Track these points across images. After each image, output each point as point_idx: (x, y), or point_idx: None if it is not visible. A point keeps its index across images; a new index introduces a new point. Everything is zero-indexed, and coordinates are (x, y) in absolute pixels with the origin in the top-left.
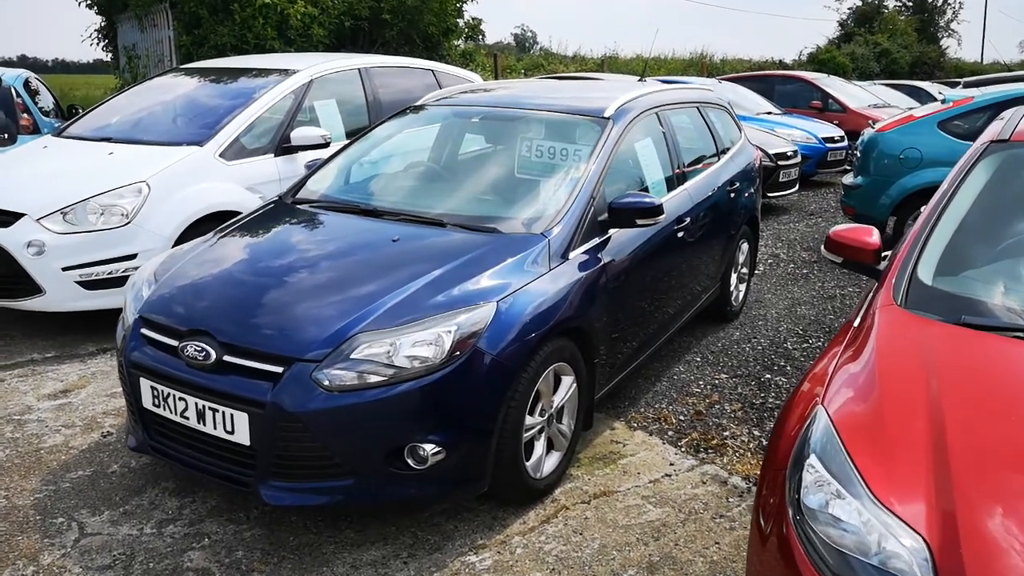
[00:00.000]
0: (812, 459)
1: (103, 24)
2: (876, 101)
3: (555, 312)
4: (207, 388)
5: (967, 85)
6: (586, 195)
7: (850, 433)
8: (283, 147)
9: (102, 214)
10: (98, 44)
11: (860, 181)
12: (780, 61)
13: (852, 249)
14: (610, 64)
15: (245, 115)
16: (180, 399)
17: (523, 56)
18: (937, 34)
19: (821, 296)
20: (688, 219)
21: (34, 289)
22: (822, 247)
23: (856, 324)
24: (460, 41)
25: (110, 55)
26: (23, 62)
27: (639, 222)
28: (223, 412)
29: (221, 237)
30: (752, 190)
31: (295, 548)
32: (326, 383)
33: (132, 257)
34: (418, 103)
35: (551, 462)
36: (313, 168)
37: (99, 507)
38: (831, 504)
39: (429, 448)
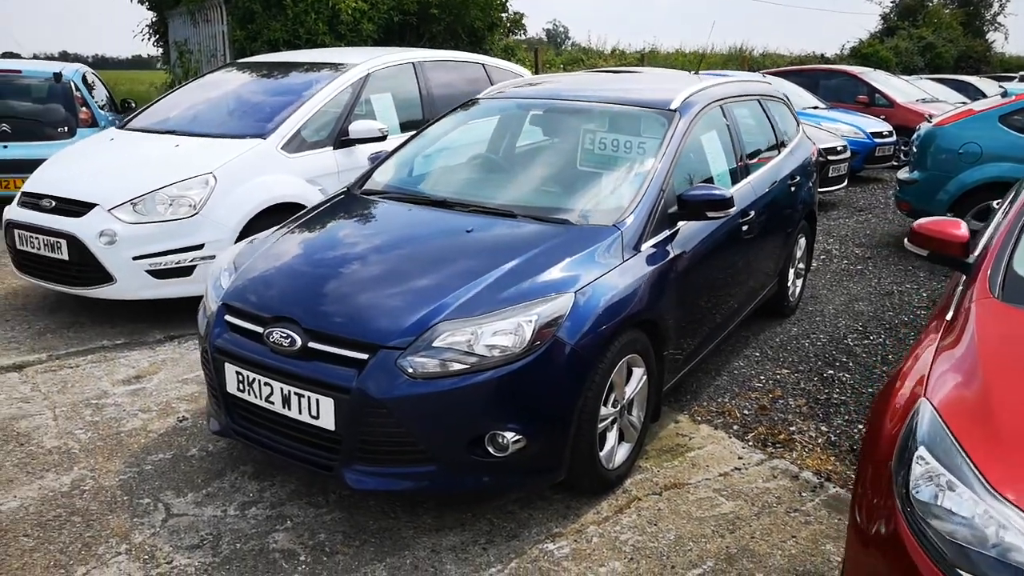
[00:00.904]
0: (921, 451)
1: (155, 20)
2: (924, 96)
3: (630, 304)
4: (293, 374)
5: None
6: (656, 187)
7: (959, 424)
8: (341, 140)
9: (171, 205)
10: (149, 39)
11: (916, 176)
12: (822, 55)
13: (939, 242)
14: (650, 59)
15: (305, 109)
16: (265, 384)
17: (561, 51)
18: (983, 28)
19: (878, 292)
20: (752, 213)
21: (105, 278)
22: (906, 240)
23: (949, 318)
24: (503, 36)
25: (160, 50)
26: (64, 58)
27: (709, 214)
28: (308, 397)
29: (296, 227)
30: (810, 184)
31: (375, 532)
32: (410, 370)
33: (199, 247)
34: (479, 96)
35: (622, 453)
36: (379, 160)
37: (183, 489)
38: (942, 496)
39: (510, 436)
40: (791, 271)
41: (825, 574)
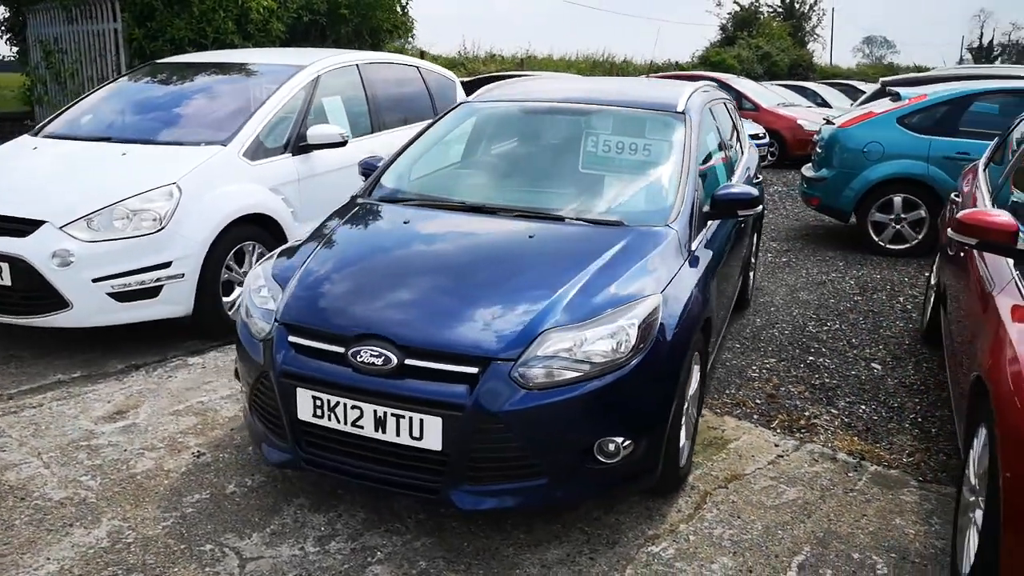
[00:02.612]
0: None
1: (8, 15)
2: (782, 100)
3: (699, 301)
4: (389, 394)
5: (885, 84)
6: (692, 188)
7: None
8: (300, 146)
9: (131, 219)
10: (1, 38)
11: (825, 174)
12: (676, 63)
13: (990, 231)
14: (528, 64)
15: (262, 113)
16: (353, 408)
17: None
18: (804, 39)
19: (813, 282)
20: None
21: (59, 304)
22: (949, 230)
23: None
24: (402, 39)
25: (16, 49)
26: None
27: (741, 213)
28: (410, 418)
29: (333, 238)
30: (761, 181)
31: (475, 554)
32: (524, 382)
33: (167, 265)
34: (470, 99)
35: (686, 449)
36: (381, 168)
37: (243, 530)
38: None
39: (620, 441)
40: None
41: (905, 547)
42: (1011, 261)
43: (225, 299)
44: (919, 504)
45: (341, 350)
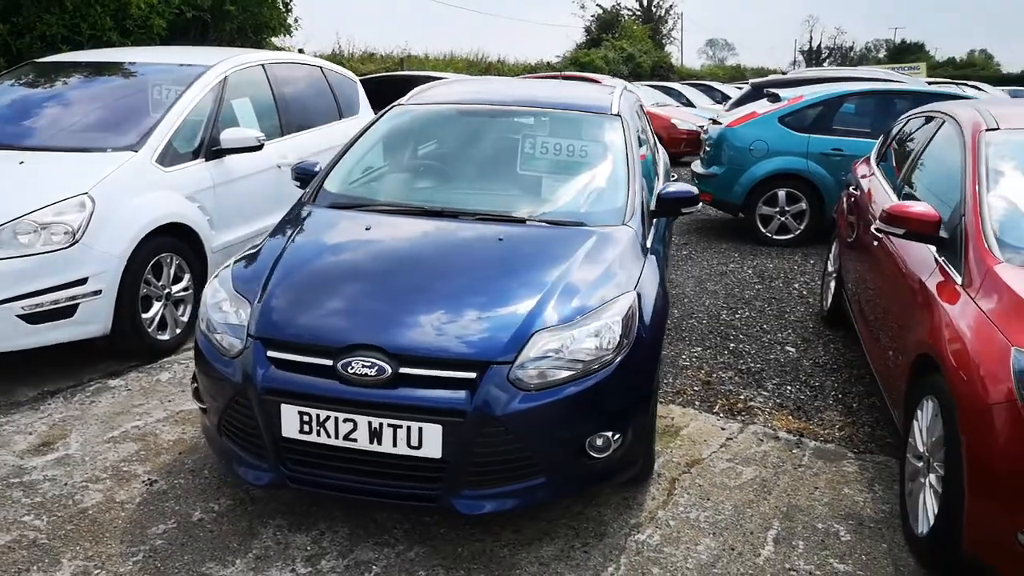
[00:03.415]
0: None
1: None
2: (655, 100)
3: (662, 295)
4: (384, 405)
5: (755, 86)
6: (639, 187)
7: None
8: (213, 150)
9: (39, 233)
10: None
11: (715, 170)
12: (548, 63)
13: (917, 222)
14: (409, 63)
15: (173, 115)
16: (346, 421)
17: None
18: (662, 41)
19: (716, 273)
20: None
21: None
22: (878, 221)
23: (961, 282)
24: (284, 37)
25: None
26: None
27: (684, 211)
28: (407, 427)
29: (293, 246)
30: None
31: (471, 558)
32: (522, 384)
33: (82, 282)
34: (403, 101)
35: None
36: (324, 171)
37: (223, 557)
38: None
39: (610, 435)
40: None
41: (859, 513)
42: (934, 248)
43: (144, 315)
44: (860, 473)
45: (328, 362)
